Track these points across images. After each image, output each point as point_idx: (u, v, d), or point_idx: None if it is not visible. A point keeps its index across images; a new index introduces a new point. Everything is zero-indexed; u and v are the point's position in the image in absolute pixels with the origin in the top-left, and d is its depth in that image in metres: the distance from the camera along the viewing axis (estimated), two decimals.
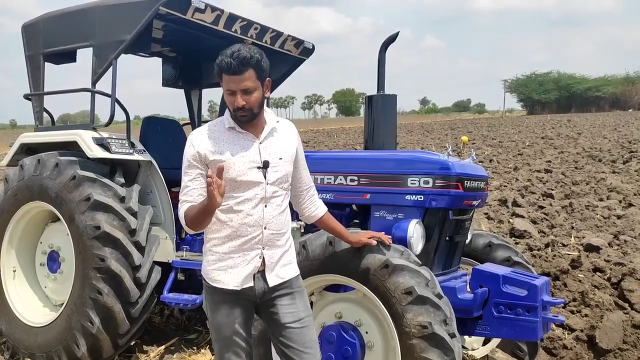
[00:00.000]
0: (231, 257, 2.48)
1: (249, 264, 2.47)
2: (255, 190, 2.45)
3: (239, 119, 2.46)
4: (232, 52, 2.38)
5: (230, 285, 2.47)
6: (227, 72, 2.38)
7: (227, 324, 2.50)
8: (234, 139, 2.48)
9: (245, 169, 2.44)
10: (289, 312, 2.53)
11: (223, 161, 2.40)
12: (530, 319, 3.21)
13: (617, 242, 6.81)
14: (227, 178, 2.40)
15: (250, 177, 2.44)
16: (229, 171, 2.41)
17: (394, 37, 4.28)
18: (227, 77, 2.39)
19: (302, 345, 2.52)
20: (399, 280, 2.87)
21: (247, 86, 2.39)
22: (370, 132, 4.21)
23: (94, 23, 4.27)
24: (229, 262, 2.48)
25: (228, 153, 2.44)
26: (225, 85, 2.42)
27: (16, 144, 4.64)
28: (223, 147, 2.46)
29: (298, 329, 2.53)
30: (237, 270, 2.47)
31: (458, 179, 3.45)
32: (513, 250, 4.17)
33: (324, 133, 41.28)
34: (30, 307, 4.48)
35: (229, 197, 2.44)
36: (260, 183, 2.46)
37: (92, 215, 3.96)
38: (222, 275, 2.48)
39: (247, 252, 2.48)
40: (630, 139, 22.21)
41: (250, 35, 4.59)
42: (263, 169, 2.46)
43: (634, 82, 73.48)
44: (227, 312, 2.49)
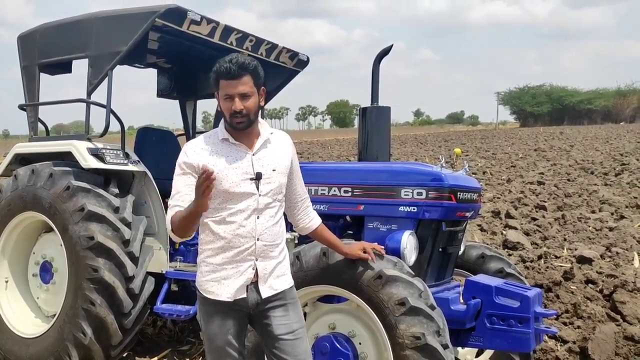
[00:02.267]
0: (224, 268, 2.48)
1: (241, 275, 2.48)
2: (248, 201, 2.46)
3: (235, 125, 2.47)
4: (231, 59, 2.43)
5: (223, 297, 2.48)
6: (226, 76, 2.42)
7: (220, 334, 2.50)
8: (227, 150, 2.50)
9: (238, 180, 2.45)
10: (282, 323, 2.53)
11: (217, 172, 2.39)
12: (523, 330, 3.22)
13: (609, 254, 6.85)
14: (220, 189, 2.43)
15: (243, 188, 2.46)
16: (222, 182, 2.43)
17: (388, 50, 4.32)
18: (225, 82, 2.43)
19: (295, 357, 2.52)
20: (392, 291, 2.88)
21: (245, 90, 2.43)
22: (364, 143, 4.23)
23: (90, 34, 4.29)
24: (222, 274, 2.48)
25: (221, 164, 2.45)
26: (223, 90, 2.45)
27: (10, 154, 4.64)
28: (216, 158, 2.47)
29: (291, 341, 2.53)
30: (230, 282, 2.47)
31: (451, 191, 3.47)
32: (506, 261, 4.18)
33: (317, 144, 41.39)
34: (22, 318, 4.45)
35: (222, 208, 2.46)
36: (252, 194, 2.47)
37: (85, 226, 3.95)
38: (215, 286, 2.49)
39: (240, 264, 2.48)
40: (622, 152, 22.41)
41: (245, 47, 4.62)
42: (256, 181, 2.47)
43: (625, 95, 74.20)
44: (220, 323, 2.50)
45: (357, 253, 2.96)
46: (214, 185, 2.25)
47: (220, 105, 2.50)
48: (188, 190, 2.43)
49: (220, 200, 2.46)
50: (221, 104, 2.48)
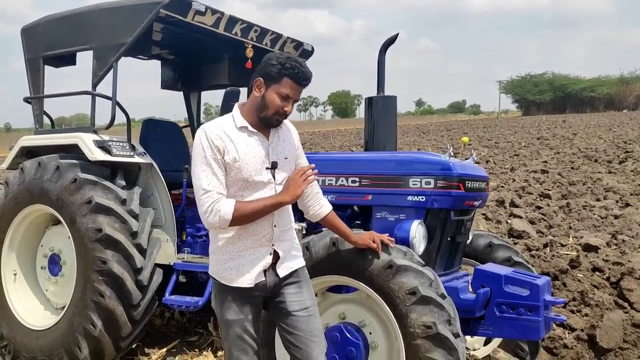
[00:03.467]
0: (242, 255, 2.52)
1: (261, 261, 2.53)
2: (265, 190, 2.50)
3: (274, 122, 2.51)
4: (305, 66, 2.48)
5: (244, 283, 2.51)
6: (299, 81, 2.45)
7: (238, 321, 2.54)
8: (246, 138, 2.50)
9: (257, 169, 2.48)
10: (295, 300, 2.58)
11: (237, 160, 2.43)
12: (533, 319, 3.22)
13: (615, 241, 6.84)
14: (239, 177, 2.46)
15: (262, 177, 2.49)
16: (242, 171, 2.45)
17: (394, 39, 4.30)
18: (292, 84, 2.45)
19: (308, 333, 2.57)
20: (402, 280, 2.88)
21: (298, 99, 2.52)
22: (370, 133, 4.21)
23: (94, 26, 4.27)
24: (241, 261, 2.52)
25: (242, 152, 2.46)
26: (285, 89, 2.45)
27: (16, 147, 4.64)
28: (237, 146, 2.46)
29: (305, 317, 2.58)
30: (249, 268, 2.52)
31: (459, 180, 3.47)
32: (513, 250, 4.18)
33: (319, 135, 41.33)
34: (31, 310, 4.47)
35: (239, 196, 2.47)
36: (269, 183, 2.51)
37: (93, 218, 3.96)
38: (234, 273, 2.52)
39: (258, 250, 2.53)
40: (625, 139, 22.33)
41: (250, 37, 4.60)
42: (272, 170, 2.51)
43: (628, 82, 73.77)
44: (239, 310, 2.54)
45: (366, 242, 2.96)
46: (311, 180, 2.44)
47: (266, 97, 2.47)
48: (222, 175, 2.43)
49: (237, 188, 2.47)
50: (274, 98, 2.46)
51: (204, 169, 2.43)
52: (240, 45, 4.63)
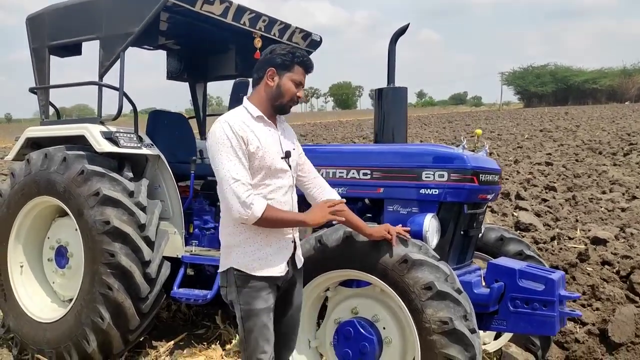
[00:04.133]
0: (270, 245, 2.57)
1: (287, 249, 2.63)
2: (284, 178, 2.60)
3: (287, 108, 2.65)
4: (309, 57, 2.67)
5: (275, 272, 2.57)
6: (307, 68, 2.64)
7: (266, 310, 2.56)
8: (264, 128, 2.59)
9: (277, 157, 2.57)
10: (298, 294, 2.80)
11: (260, 148, 2.50)
12: (548, 314, 3.18)
13: (623, 235, 6.79)
14: (263, 165, 2.52)
15: (281, 165, 2.59)
16: (265, 159, 2.52)
17: (404, 29, 4.24)
18: (301, 71, 2.62)
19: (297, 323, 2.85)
20: (418, 275, 2.84)
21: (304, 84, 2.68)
22: (380, 125, 4.16)
23: (101, 15, 4.20)
24: (268, 250, 2.56)
25: (263, 141, 2.53)
26: (297, 76, 2.61)
27: (22, 138, 4.58)
28: (258, 135, 2.53)
29: (298, 311, 2.83)
30: (276, 257, 2.58)
31: (474, 173, 3.42)
32: (525, 243, 4.14)
33: (321, 126, 41.20)
34: (38, 302, 4.43)
35: (262, 185, 2.53)
36: (287, 171, 2.62)
37: (101, 210, 3.91)
38: (263, 263, 2.55)
39: (283, 238, 2.62)
40: (629, 132, 22.21)
41: (258, 27, 4.53)
42: (286, 158, 2.62)
43: (630, 74, 73.50)
44: (266, 298, 2.56)
45: (382, 234, 2.94)
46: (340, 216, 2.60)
47: (281, 85, 2.58)
48: (247, 164, 2.48)
49: (261, 176, 2.53)
50: (288, 86, 2.59)
51: (231, 159, 2.44)
52: (247, 35, 4.56)
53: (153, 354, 4.33)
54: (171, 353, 4.38)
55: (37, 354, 4.19)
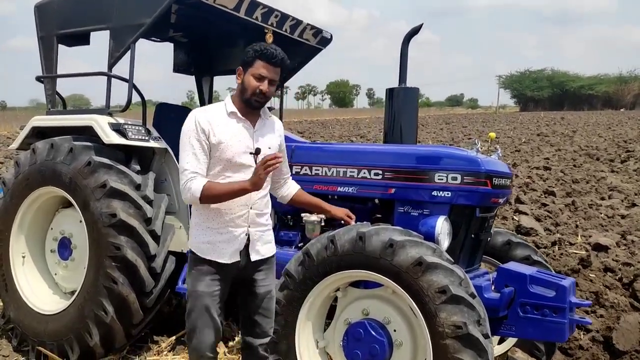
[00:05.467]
0: (220, 232, 2.74)
1: (236, 240, 2.76)
2: (246, 172, 2.71)
3: (253, 103, 2.72)
4: (276, 48, 2.71)
5: (220, 259, 2.74)
6: (269, 60, 2.67)
7: (208, 294, 2.75)
8: (234, 123, 2.74)
9: (240, 152, 2.71)
10: (263, 285, 2.88)
11: (222, 142, 2.67)
12: (558, 320, 3.16)
13: (624, 242, 6.80)
14: (222, 158, 2.69)
15: (243, 160, 2.72)
16: (226, 152, 2.69)
17: (417, 30, 4.22)
18: (264, 64, 2.68)
19: (267, 312, 2.93)
20: (432, 278, 2.81)
21: (275, 78, 2.73)
22: (390, 125, 4.14)
23: (112, 5, 4.14)
24: (218, 237, 2.74)
25: (227, 135, 2.69)
26: (257, 70, 2.68)
27: (27, 127, 4.52)
28: (223, 129, 2.70)
29: (267, 299, 2.91)
30: (225, 245, 2.75)
31: (487, 176, 3.40)
32: (532, 249, 4.14)
33: (318, 124, 41.12)
34: (39, 294, 4.37)
35: (221, 176, 2.71)
36: (250, 167, 2.72)
37: (107, 203, 3.86)
38: (211, 249, 2.74)
39: (234, 229, 2.75)
40: (626, 139, 22.35)
41: (270, 22, 4.49)
42: (255, 155, 2.73)
43: (626, 81, 73.89)
44: (209, 283, 2.75)
45: (341, 215, 3.27)
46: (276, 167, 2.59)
47: (244, 81, 2.72)
48: (203, 156, 2.68)
49: (220, 168, 2.71)
50: (249, 80, 2.70)
51: (186, 149, 2.67)
52: (257, 30, 4.52)
53: (155, 349, 4.29)
54: (173, 348, 4.34)
55: (38, 346, 4.14)
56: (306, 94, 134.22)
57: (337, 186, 3.79)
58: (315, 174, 3.88)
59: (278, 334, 3.21)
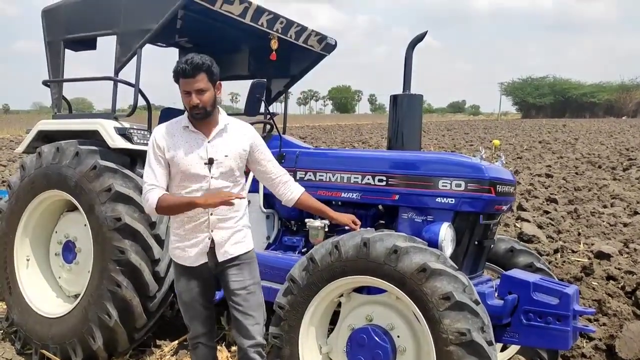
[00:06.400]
0: (187, 238, 2.97)
1: (200, 244, 2.95)
2: (201, 182, 2.88)
3: (194, 116, 2.86)
4: (187, 59, 2.79)
5: (187, 263, 2.99)
6: (183, 75, 2.79)
7: (186, 292, 3.04)
8: (187, 136, 2.91)
9: (193, 163, 2.86)
10: (235, 280, 2.99)
11: (175, 155, 2.85)
12: (562, 328, 3.16)
13: (627, 250, 6.80)
14: (178, 170, 2.87)
15: (197, 170, 2.87)
16: (180, 164, 2.86)
17: (422, 37, 4.24)
18: (183, 81, 2.81)
19: (247, 308, 2.98)
20: (436, 284, 2.81)
21: (200, 87, 2.80)
22: (394, 131, 4.16)
23: (119, 10, 4.17)
24: (185, 243, 2.98)
25: (180, 149, 2.87)
26: (182, 87, 2.83)
27: (33, 130, 4.55)
28: (177, 143, 2.89)
29: (244, 295, 2.98)
30: (191, 250, 2.96)
31: (491, 183, 3.41)
32: (535, 256, 4.13)
33: (320, 129, 41.16)
34: (43, 297, 4.39)
35: (180, 187, 2.91)
36: (205, 177, 2.88)
37: (112, 207, 3.88)
38: (180, 253, 3.01)
39: (198, 234, 2.95)
40: (628, 146, 22.35)
41: (275, 29, 4.51)
42: (208, 165, 2.88)
43: (628, 89, 73.91)
44: (186, 283, 3.03)
45: (347, 221, 3.33)
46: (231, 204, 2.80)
47: (182, 99, 2.88)
48: (160, 169, 2.88)
49: (179, 179, 2.90)
50: (182, 98, 2.87)
51: (147, 163, 2.91)
52: (262, 36, 4.55)
53: (158, 353, 4.30)
54: (175, 352, 4.34)
55: (41, 349, 4.15)
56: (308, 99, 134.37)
57: (341, 192, 3.81)
58: (320, 179, 3.89)
59: (281, 339, 3.22)
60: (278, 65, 4.73)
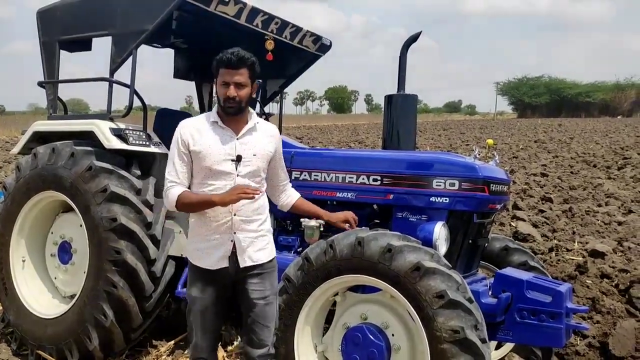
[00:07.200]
0: (207, 239, 2.82)
1: (222, 246, 2.81)
2: (227, 180, 2.78)
3: (227, 109, 2.79)
4: (233, 51, 2.76)
5: (207, 265, 2.83)
6: (227, 64, 2.75)
7: (200, 299, 2.85)
8: (215, 132, 2.81)
9: (220, 159, 2.77)
10: (256, 289, 2.88)
11: (202, 150, 2.75)
12: (555, 326, 3.19)
13: (620, 248, 6.83)
14: (203, 166, 2.77)
15: (223, 167, 2.78)
16: (206, 160, 2.76)
17: (416, 37, 4.27)
18: (224, 70, 2.76)
19: (262, 319, 2.89)
20: (430, 283, 2.84)
21: (241, 81, 2.76)
22: (389, 131, 4.18)
23: (115, 11, 4.18)
24: (205, 244, 2.83)
25: (207, 144, 2.78)
26: (222, 77, 2.77)
27: (29, 131, 4.55)
28: (205, 138, 2.79)
29: (262, 305, 2.88)
30: (212, 252, 2.81)
31: (484, 182, 3.43)
32: (529, 254, 4.16)
33: (316, 129, 41.16)
34: (39, 297, 4.40)
35: (204, 184, 2.80)
36: (231, 174, 2.79)
37: (108, 207, 3.89)
38: (199, 254, 2.85)
39: (220, 235, 2.81)
40: (622, 146, 22.41)
41: (270, 29, 4.53)
42: (236, 162, 2.79)
43: (623, 89, 74.13)
44: (202, 289, 2.85)
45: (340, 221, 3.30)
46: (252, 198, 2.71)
47: (217, 90, 2.83)
48: (183, 167, 2.80)
49: (202, 176, 2.79)
50: (218, 89, 2.81)
51: (171, 159, 2.84)
52: (257, 37, 4.56)
53: (154, 353, 4.31)
54: (172, 352, 4.36)
55: (37, 350, 4.16)
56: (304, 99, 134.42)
57: (336, 192, 3.82)
58: (315, 179, 3.91)
59: (277, 338, 3.23)
60: (273, 66, 4.74)
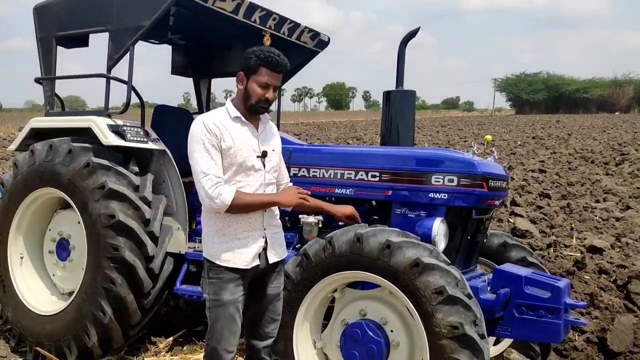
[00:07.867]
0: (238, 238, 2.71)
1: (255, 243, 2.74)
2: (257, 176, 2.74)
3: (259, 109, 2.73)
4: (279, 54, 2.69)
5: (241, 265, 2.70)
6: (274, 68, 2.67)
7: (233, 301, 2.70)
8: (240, 127, 2.73)
9: (249, 155, 2.71)
10: (274, 286, 2.89)
11: (232, 146, 2.65)
12: (553, 321, 3.19)
13: (619, 244, 6.85)
14: (234, 163, 2.67)
15: (253, 163, 2.73)
16: (237, 157, 2.67)
17: (414, 33, 4.25)
18: (269, 72, 2.67)
19: (274, 313, 2.92)
20: (429, 279, 2.84)
21: (278, 85, 2.75)
22: (387, 127, 4.17)
23: (111, 7, 4.17)
24: (236, 243, 2.70)
25: (237, 140, 2.68)
26: (262, 78, 2.67)
27: (26, 128, 4.54)
28: (232, 134, 2.68)
29: (276, 301, 2.92)
30: (245, 250, 2.71)
31: (483, 178, 3.43)
32: (527, 250, 4.16)
33: (314, 126, 41.14)
34: (37, 294, 4.40)
35: (232, 181, 2.69)
36: (260, 170, 2.76)
37: (106, 204, 3.88)
38: (231, 255, 2.69)
39: (252, 232, 2.73)
40: (620, 142, 22.44)
41: (268, 25, 4.52)
42: (262, 158, 2.76)
43: (621, 85, 74.14)
44: (234, 290, 2.70)
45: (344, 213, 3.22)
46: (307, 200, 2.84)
47: (248, 87, 2.70)
48: (219, 159, 2.65)
49: (232, 173, 2.68)
50: (254, 88, 2.69)
51: (202, 155, 2.62)
52: (256, 33, 4.55)
53: (152, 350, 4.31)
54: (171, 349, 4.36)
55: (36, 347, 4.16)
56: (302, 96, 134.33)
57: (335, 188, 3.82)
58: (313, 175, 3.90)
59: (278, 337, 3.23)
60: None
